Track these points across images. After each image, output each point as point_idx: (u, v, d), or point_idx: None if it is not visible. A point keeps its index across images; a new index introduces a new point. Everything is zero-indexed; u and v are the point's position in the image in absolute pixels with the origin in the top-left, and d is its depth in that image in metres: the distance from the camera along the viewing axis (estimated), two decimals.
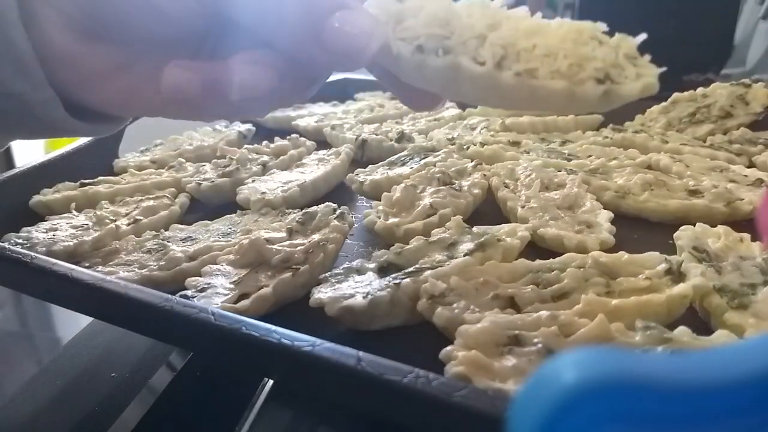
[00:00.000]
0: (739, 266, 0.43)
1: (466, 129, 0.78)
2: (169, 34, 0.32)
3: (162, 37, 0.32)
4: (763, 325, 0.37)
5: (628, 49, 0.29)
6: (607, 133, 0.73)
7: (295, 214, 0.53)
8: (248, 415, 0.42)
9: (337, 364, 0.30)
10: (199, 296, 0.42)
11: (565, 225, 0.51)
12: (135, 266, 0.47)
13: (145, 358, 0.48)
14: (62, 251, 0.49)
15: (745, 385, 0.14)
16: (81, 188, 0.61)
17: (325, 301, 0.40)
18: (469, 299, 0.39)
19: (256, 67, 0.30)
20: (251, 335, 0.33)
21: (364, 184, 0.60)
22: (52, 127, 0.33)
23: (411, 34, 0.29)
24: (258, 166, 0.65)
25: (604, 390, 0.13)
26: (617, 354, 0.14)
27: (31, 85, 0.30)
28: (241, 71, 0.30)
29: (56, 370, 0.47)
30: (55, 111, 0.32)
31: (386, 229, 0.51)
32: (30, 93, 0.31)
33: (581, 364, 0.13)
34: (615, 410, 0.13)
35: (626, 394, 0.13)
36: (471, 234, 0.47)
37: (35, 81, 0.30)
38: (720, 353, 0.14)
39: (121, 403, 0.43)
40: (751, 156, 0.65)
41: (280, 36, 0.29)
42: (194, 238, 0.52)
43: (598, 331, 0.35)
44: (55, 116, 0.32)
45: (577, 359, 0.14)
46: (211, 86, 0.30)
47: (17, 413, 0.43)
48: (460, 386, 0.28)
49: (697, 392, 0.14)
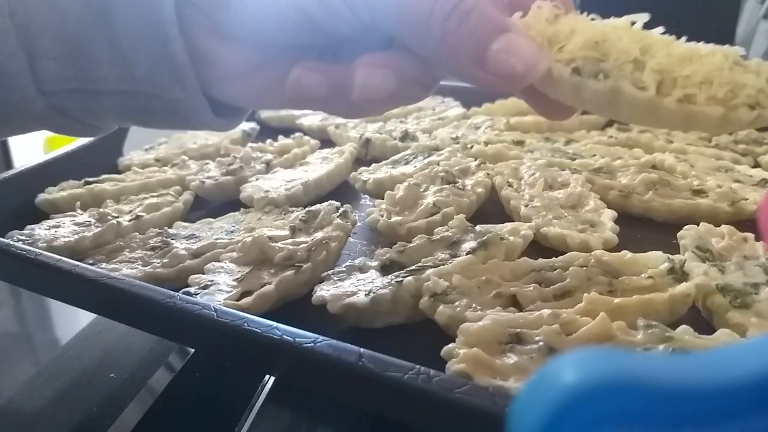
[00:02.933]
0: (742, 266, 0.43)
1: (470, 128, 0.78)
2: (311, 40, 0.33)
3: (301, 42, 0.33)
4: (765, 325, 0.37)
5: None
6: (612, 133, 0.73)
7: (298, 212, 0.53)
8: (248, 415, 0.42)
9: (338, 360, 0.30)
10: (202, 293, 0.42)
11: (568, 224, 0.51)
12: (138, 263, 0.47)
13: (145, 358, 0.48)
14: (63, 246, 0.49)
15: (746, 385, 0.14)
16: (86, 186, 0.61)
17: (328, 298, 0.40)
18: (471, 297, 0.39)
19: (379, 71, 0.31)
20: (253, 332, 0.33)
21: (367, 182, 0.60)
22: (193, 124, 0.35)
23: (567, 56, 0.30)
24: (262, 164, 0.66)
25: (605, 390, 0.13)
26: (618, 354, 0.14)
27: (187, 94, 0.32)
28: (365, 75, 0.31)
29: (55, 370, 0.47)
30: (204, 114, 0.34)
31: (389, 228, 0.51)
32: (185, 100, 0.33)
33: (582, 364, 0.13)
34: (616, 411, 0.13)
35: (627, 394, 0.13)
36: (474, 232, 0.47)
37: (191, 90, 0.32)
38: (721, 354, 0.14)
39: (120, 403, 0.43)
40: (757, 156, 0.65)
41: (442, 57, 0.30)
42: (198, 235, 0.52)
43: (600, 330, 0.35)
44: (203, 119, 0.34)
45: (578, 359, 0.14)
46: (337, 87, 0.32)
47: (16, 414, 0.43)
48: (460, 383, 0.28)
49: (698, 393, 0.13)
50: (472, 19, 0.28)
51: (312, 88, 0.32)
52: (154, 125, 0.37)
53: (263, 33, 0.32)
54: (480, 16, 0.28)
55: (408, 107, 0.88)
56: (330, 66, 0.32)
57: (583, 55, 0.29)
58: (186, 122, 0.35)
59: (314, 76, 0.32)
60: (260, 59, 0.34)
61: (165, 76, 0.32)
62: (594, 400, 0.13)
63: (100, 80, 0.32)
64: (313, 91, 0.32)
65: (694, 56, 0.29)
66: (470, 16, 0.28)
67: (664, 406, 0.13)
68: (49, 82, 0.32)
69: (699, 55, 0.29)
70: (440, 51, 0.29)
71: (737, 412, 0.14)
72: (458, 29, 0.28)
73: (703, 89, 0.29)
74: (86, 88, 0.33)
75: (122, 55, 0.32)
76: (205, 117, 0.34)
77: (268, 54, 0.34)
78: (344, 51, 0.35)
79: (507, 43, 0.28)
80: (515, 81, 0.29)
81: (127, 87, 0.33)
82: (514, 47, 0.28)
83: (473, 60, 0.28)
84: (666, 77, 0.29)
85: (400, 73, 0.31)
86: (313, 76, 0.32)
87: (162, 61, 0.31)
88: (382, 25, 0.30)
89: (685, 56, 0.29)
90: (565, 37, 0.30)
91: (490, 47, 0.28)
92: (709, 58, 0.29)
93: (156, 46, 0.31)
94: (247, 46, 0.33)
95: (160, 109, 0.34)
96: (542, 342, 0.34)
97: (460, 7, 0.28)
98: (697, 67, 0.29)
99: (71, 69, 0.32)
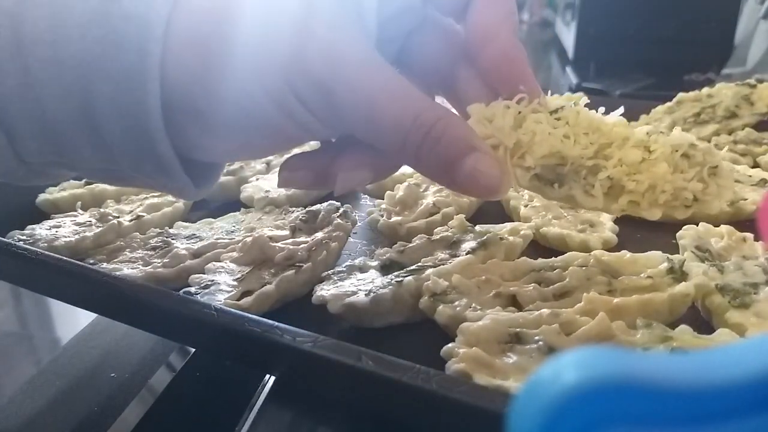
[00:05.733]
0: (741, 266, 0.43)
1: None
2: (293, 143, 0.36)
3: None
4: (764, 325, 0.37)
5: (711, 163, 0.33)
6: None
7: (298, 212, 0.53)
8: (248, 415, 0.42)
9: (338, 360, 0.30)
10: (202, 293, 0.42)
11: (567, 224, 0.51)
12: (139, 263, 0.48)
13: (145, 358, 0.48)
14: (63, 246, 0.49)
15: (746, 385, 0.14)
16: (87, 186, 0.61)
17: (328, 298, 0.40)
18: (470, 297, 0.39)
19: (358, 172, 0.34)
20: (254, 331, 0.33)
21: None
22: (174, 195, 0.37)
23: (528, 164, 0.32)
24: (262, 164, 0.66)
25: (604, 390, 0.13)
26: (618, 354, 0.14)
27: (172, 181, 0.33)
28: (344, 178, 0.34)
29: (56, 370, 0.47)
30: (189, 192, 0.34)
31: (389, 228, 0.51)
32: (170, 184, 0.33)
33: (582, 364, 0.13)
34: (615, 410, 0.13)
35: (627, 394, 0.13)
36: (473, 232, 0.47)
37: (175, 176, 0.32)
38: (721, 353, 0.14)
39: (120, 403, 0.43)
40: (756, 156, 0.65)
41: (416, 170, 0.32)
42: (198, 235, 0.52)
43: (599, 329, 0.35)
44: (187, 196, 0.35)
45: (577, 359, 0.14)
46: (321, 177, 0.35)
47: (17, 413, 0.43)
48: (460, 383, 0.28)
49: (698, 392, 0.13)
50: (442, 143, 0.30)
51: (299, 183, 0.36)
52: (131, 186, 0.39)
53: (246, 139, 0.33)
54: (449, 139, 0.30)
55: None
56: (314, 159, 0.35)
57: (543, 163, 0.32)
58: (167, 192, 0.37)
59: (301, 175, 0.35)
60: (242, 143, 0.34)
61: (150, 168, 0.32)
62: (593, 399, 0.13)
63: (83, 161, 0.32)
64: (300, 185, 0.36)
65: (644, 162, 0.32)
66: (441, 141, 0.30)
67: (663, 406, 0.13)
68: (29, 155, 0.31)
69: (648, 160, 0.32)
70: (415, 167, 0.32)
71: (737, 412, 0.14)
72: (430, 154, 0.30)
73: (646, 197, 0.32)
74: (67, 164, 0.33)
75: (106, 147, 0.31)
76: (190, 194, 0.35)
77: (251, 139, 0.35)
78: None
79: (474, 164, 0.30)
80: (484, 197, 0.33)
81: (109, 167, 0.33)
82: (480, 169, 0.30)
83: (445, 179, 0.31)
84: (615, 183, 0.32)
85: (378, 168, 0.34)
86: (300, 174, 0.35)
87: (147, 158, 0.31)
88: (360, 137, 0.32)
89: (635, 162, 0.32)
90: (526, 145, 0.32)
91: (460, 168, 0.30)
92: (656, 165, 0.32)
93: (142, 145, 0.30)
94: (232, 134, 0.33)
95: (142, 184, 0.35)
96: (542, 341, 0.34)
97: (431, 134, 0.30)
98: (643, 176, 0.32)
99: (52, 148, 0.31)
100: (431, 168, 0.31)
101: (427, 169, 0.31)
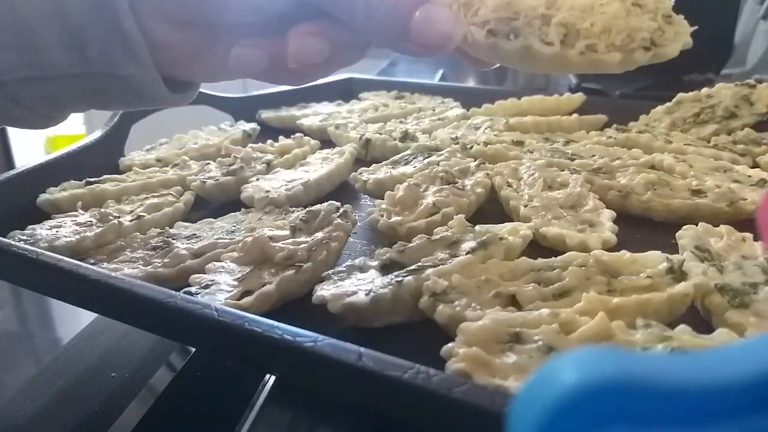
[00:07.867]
0: (741, 265, 0.43)
1: (470, 128, 0.78)
2: (253, 19, 0.35)
3: (244, 21, 0.35)
4: (764, 325, 0.37)
5: (665, 10, 0.34)
6: (611, 133, 0.73)
7: (298, 212, 0.53)
8: (248, 415, 0.42)
9: (338, 359, 0.30)
10: (203, 293, 0.42)
11: (567, 224, 0.51)
12: (140, 263, 0.48)
13: (146, 358, 0.48)
14: (64, 246, 0.49)
15: (746, 385, 0.14)
16: (87, 186, 0.61)
17: (328, 298, 0.40)
18: (470, 297, 0.39)
19: (311, 39, 0.33)
20: (254, 331, 0.33)
21: (367, 182, 0.60)
22: (148, 100, 0.37)
23: (481, 19, 0.32)
24: (262, 164, 0.66)
25: (604, 390, 0.13)
26: (618, 354, 0.14)
27: (141, 69, 0.34)
28: (297, 43, 0.33)
29: (56, 370, 0.47)
30: (158, 89, 0.35)
31: (389, 228, 0.51)
32: (139, 75, 0.34)
33: (581, 364, 0.13)
34: (615, 410, 0.13)
35: (626, 394, 0.13)
36: (473, 232, 0.47)
37: (145, 65, 0.34)
38: (720, 353, 0.14)
39: (121, 403, 0.43)
40: (755, 156, 0.65)
41: (370, 31, 0.32)
42: (199, 235, 0.52)
43: (599, 329, 0.35)
44: (157, 94, 0.36)
45: (577, 359, 0.14)
46: (276, 58, 0.34)
47: (17, 413, 0.43)
48: (460, 382, 0.28)
49: (697, 392, 0.14)
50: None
51: (253, 63, 0.34)
52: (108, 107, 0.39)
53: (208, 16, 0.34)
54: None
55: (408, 107, 0.88)
56: (267, 40, 0.34)
57: (496, 16, 0.32)
58: (141, 99, 0.37)
59: (253, 52, 0.34)
60: (208, 41, 0.36)
61: (118, 54, 0.33)
62: (592, 399, 0.13)
63: (53, 66, 0.33)
64: (255, 66, 0.34)
65: (595, 5, 0.32)
66: None
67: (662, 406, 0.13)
68: (5, 72, 0.33)
69: (600, 4, 0.32)
70: (367, 26, 0.32)
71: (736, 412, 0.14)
72: (381, 5, 0.30)
73: (602, 38, 0.32)
74: (39, 75, 0.34)
75: (74, 37, 0.33)
76: (160, 91, 0.35)
77: (215, 34, 0.36)
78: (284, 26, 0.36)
79: (426, 15, 0.30)
80: (436, 50, 0.32)
81: (80, 70, 0.34)
82: (433, 19, 0.30)
83: (397, 33, 0.31)
84: (570, 30, 0.32)
85: (332, 39, 0.33)
86: (252, 52, 0.34)
87: (114, 39, 0.32)
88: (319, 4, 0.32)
89: (587, 7, 0.32)
90: (478, 1, 0.32)
91: (412, 20, 0.30)
92: (608, 7, 0.32)
93: (108, 24, 0.32)
94: (194, 30, 0.35)
95: (114, 89, 0.35)
96: (541, 341, 0.34)
97: None
98: (596, 17, 0.32)
99: (23, 57, 0.33)
100: (383, 25, 0.31)
101: (378, 25, 0.31)
